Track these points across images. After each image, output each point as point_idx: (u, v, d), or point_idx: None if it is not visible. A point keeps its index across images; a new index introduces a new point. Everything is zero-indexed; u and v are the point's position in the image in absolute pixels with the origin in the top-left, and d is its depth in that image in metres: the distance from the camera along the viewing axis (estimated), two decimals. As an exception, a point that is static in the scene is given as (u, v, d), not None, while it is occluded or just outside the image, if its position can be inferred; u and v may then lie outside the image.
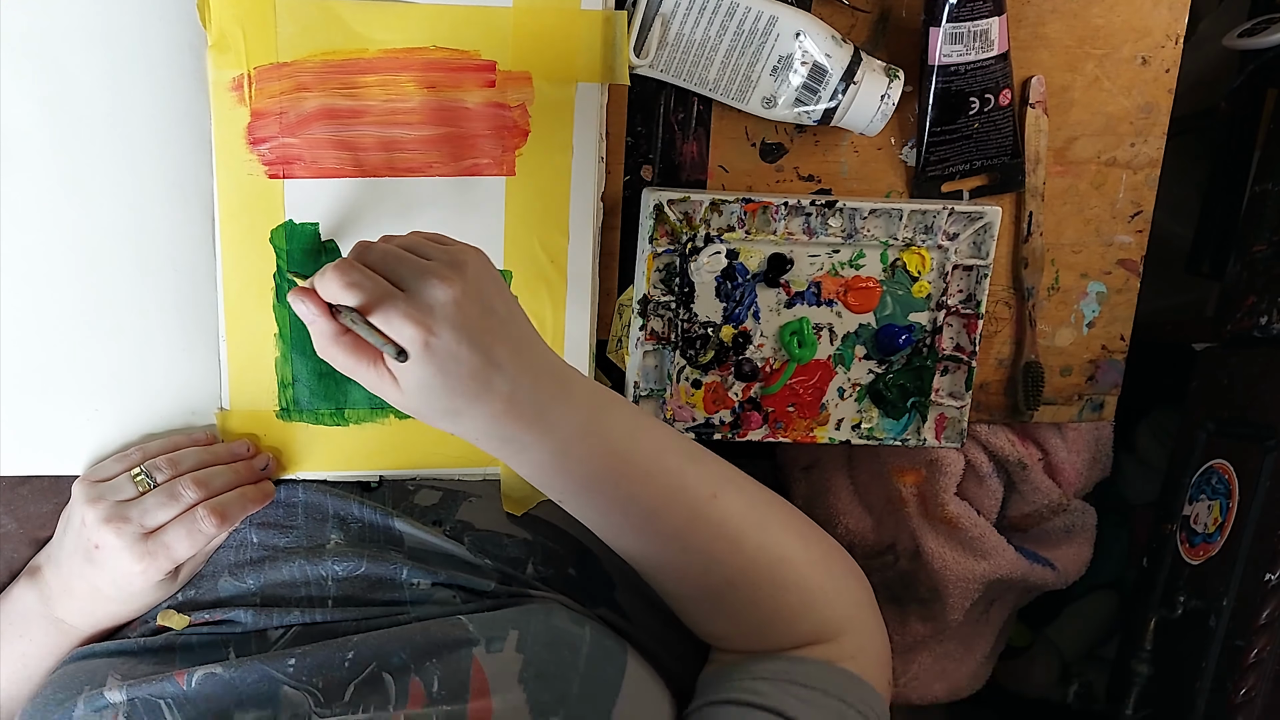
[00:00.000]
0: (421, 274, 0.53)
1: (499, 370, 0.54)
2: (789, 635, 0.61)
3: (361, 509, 0.66)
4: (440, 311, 0.52)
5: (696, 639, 0.65)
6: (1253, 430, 0.76)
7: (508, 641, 0.56)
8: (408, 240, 0.57)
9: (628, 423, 0.59)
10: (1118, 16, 0.72)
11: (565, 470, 0.58)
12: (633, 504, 0.58)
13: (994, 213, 0.71)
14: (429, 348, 0.52)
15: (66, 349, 0.66)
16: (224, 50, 0.63)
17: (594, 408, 0.58)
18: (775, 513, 0.63)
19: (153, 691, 0.56)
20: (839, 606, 0.62)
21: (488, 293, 0.55)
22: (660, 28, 0.67)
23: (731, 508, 0.60)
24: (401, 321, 0.52)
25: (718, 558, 0.59)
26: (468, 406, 0.54)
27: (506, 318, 0.55)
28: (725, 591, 0.60)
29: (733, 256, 0.71)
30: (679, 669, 0.65)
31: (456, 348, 0.53)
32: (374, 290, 0.52)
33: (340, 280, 0.52)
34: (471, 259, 0.55)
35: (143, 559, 0.60)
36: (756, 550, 0.60)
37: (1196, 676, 0.76)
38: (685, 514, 0.59)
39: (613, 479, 0.58)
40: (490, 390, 0.54)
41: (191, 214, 0.65)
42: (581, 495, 0.59)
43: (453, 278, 0.53)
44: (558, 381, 0.57)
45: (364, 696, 0.55)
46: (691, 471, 0.60)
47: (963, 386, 0.75)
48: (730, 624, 0.62)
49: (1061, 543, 0.87)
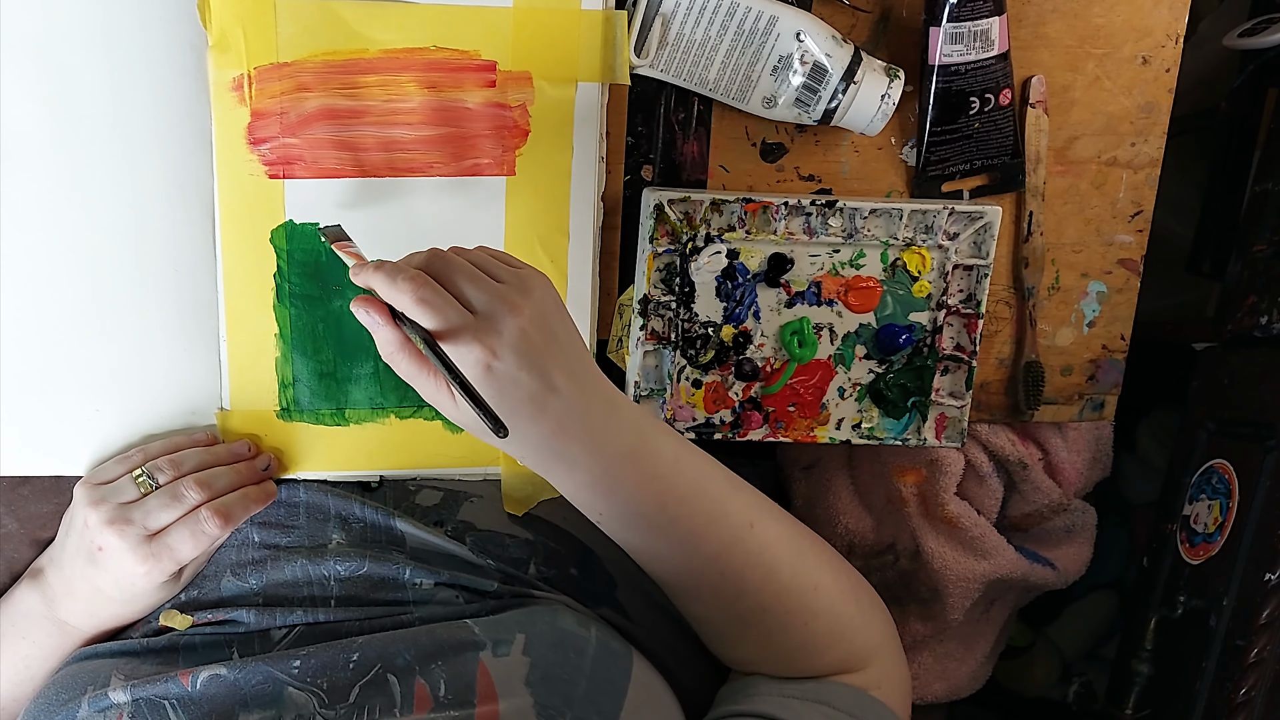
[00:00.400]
0: (491, 297, 0.54)
1: (555, 393, 0.55)
2: (816, 664, 0.62)
3: (363, 509, 0.66)
4: (507, 338, 0.53)
5: (698, 639, 0.65)
6: (1253, 430, 0.76)
7: (514, 645, 0.56)
8: (478, 257, 0.57)
9: (673, 448, 0.60)
10: (1118, 16, 0.72)
11: (610, 491, 0.58)
12: (673, 527, 0.59)
13: (994, 212, 0.71)
14: (491, 370, 0.53)
15: (67, 349, 0.66)
16: (224, 50, 0.63)
17: (641, 430, 0.59)
18: (809, 544, 0.63)
19: (157, 692, 0.57)
20: (867, 636, 0.63)
21: (551, 318, 0.56)
22: (660, 27, 0.67)
23: (769, 536, 0.61)
24: (469, 344, 0.53)
25: (753, 583, 0.60)
26: (522, 426, 0.55)
27: (566, 342, 0.56)
28: (757, 617, 0.61)
29: (733, 256, 0.71)
30: (681, 669, 0.65)
31: (518, 373, 0.54)
32: (444, 310, 0.53)
33: (414, 294, 0.53)
34: (538, 285, 0.56)
35: (146, 561, 0.60)
36: (791, 578, 0.61)
37: (1197, 676, 0.76)
38: (724, 539, 0.60)
39: (657, 502, 0.58)
40: (545, 412, 0.55)
41: (192, 214, 0.65)
42: (624, 517, 0.59)
43: (521, 304, 0.54)
44: (608, 404, 0.58)
45: (369, 698, 0.55)
46: (733, 499, 0.61)
47: (963, 386, 0.75)
48: (758, 649, 0.63)
49: (1062, 542, 0.87)
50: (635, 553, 0.62)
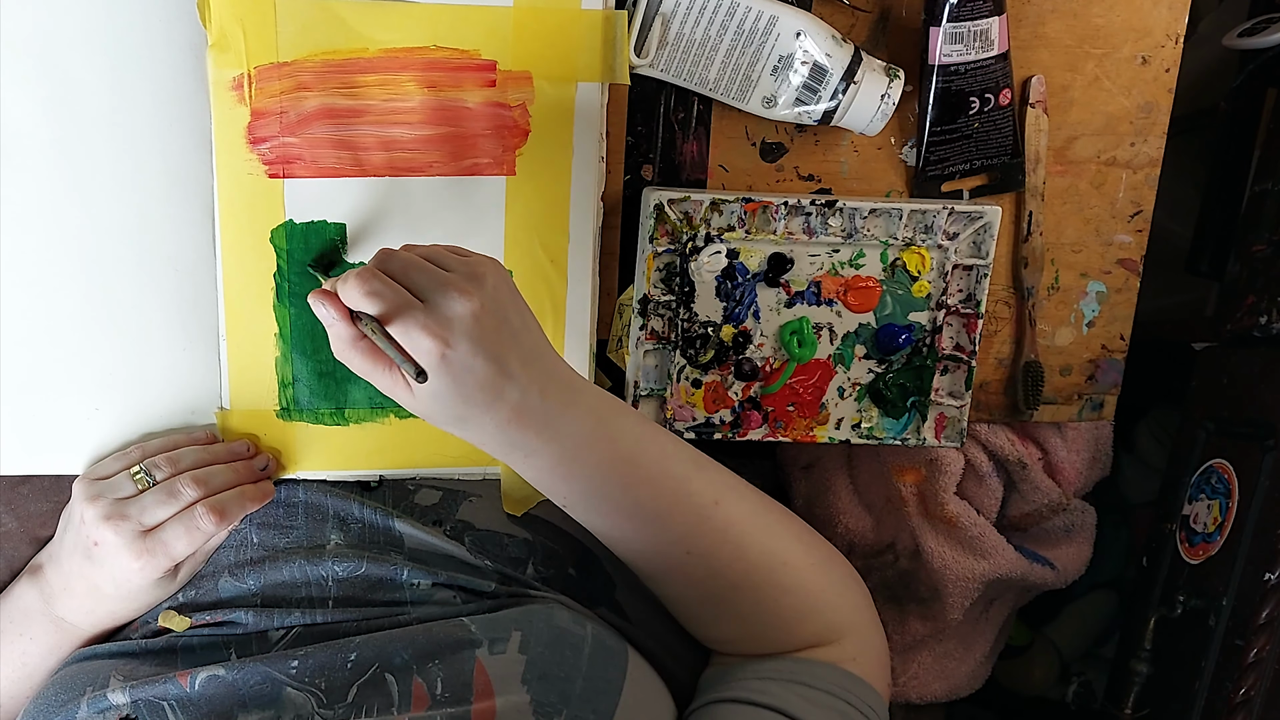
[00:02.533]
0: (441, 286, 0.54)
1: (510, 380, 0.55)
2: (791, 638, 0.62)
3: (362, 509, 0.66)
4: (459, 325, 0.53)
5: (696, 641, 0.65)
6: (1252, 430, 0.76)
7: (510, 643, 0.57)
8: (428, 250, 0.57)
9: (634, 430, 0.60)
10: (1118, 16, 0.72)
11: (571, 476, 0.59)
12: (638, 509, 0.59)
13: (994, 212, 0.71)
14: (445, 359, 0.53)
15: (67, 348, 0.66)
16: (224, 49, 0.63)
17: (600, 415, 0.59)
18: (777, 519, 0.63)
19: (156, 693, 0.57)
20: (840, 609, 0.63)
21: (504, 305, 0.56)
22: (660, 27, 0.67)
23: (735, 513, 0.61)
24: (419, 334, 0.53)
25: (722, 561, 0.60)
26: (478, 414, 0.55)
27: (520, 329, 0.56)
28: (729, 595, 0.61)
29: (733, 256, 0.71)
30: (678, 670, 0.65)
31: (472, 360, 0.54)
32: (394, 300, 0.53)
33: (361, 288, 0.53)
34: (490, 271, 0.56)
35: (141, 556, 0.60)
36: (759, 554, 0.61)
37: (1196, 676, 0.76)
38: (690, 519, 0.60)
39: (619, 484, 0.59)
40: (500, 399, 0.55)
41: (192, 214, 0.65)
42: (587, 500, 0.60)
43: (471, 291, 0.54)
44: (566, 389, 0.58)
45: (367, 697, 0.55)
46: (697, 478, 0.61)
47: (962, 386, 0.75)
48: (733, 628, 0.63)
49: (1061, 542, 0.87)
50: (603, 535, 0.62)
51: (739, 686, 0.59)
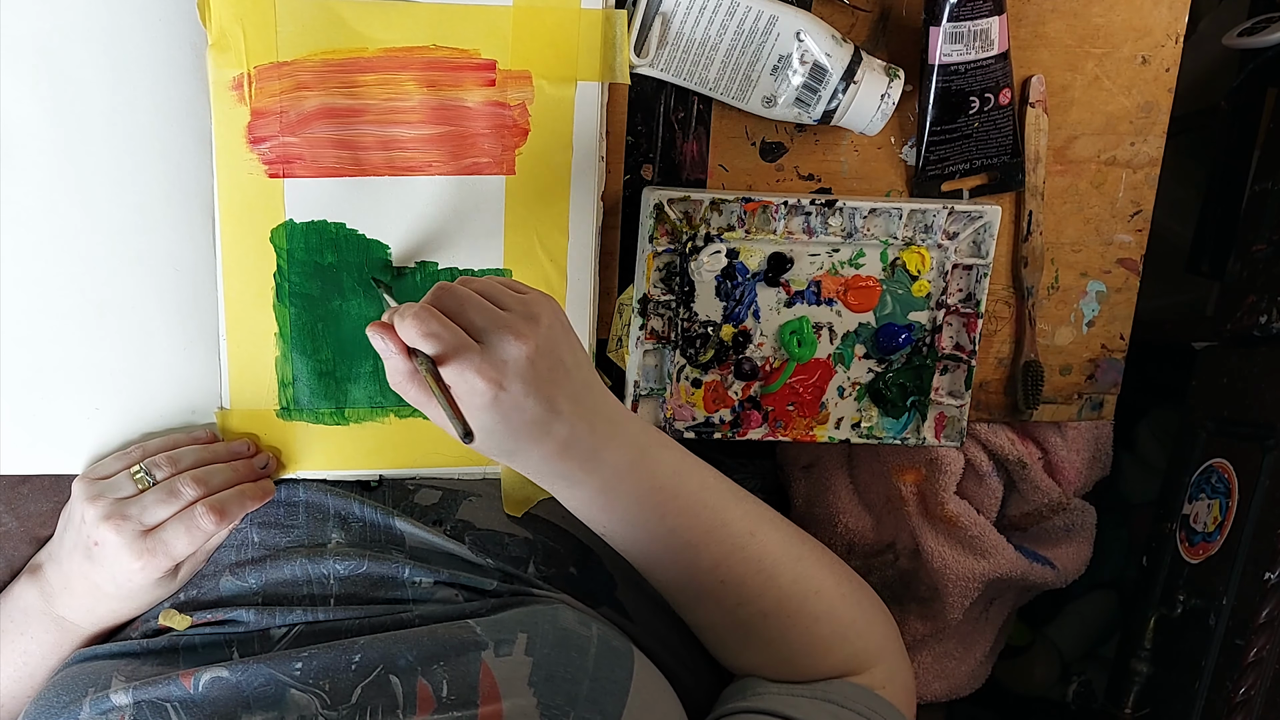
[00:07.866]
0: (499, 328, 0.55)
1: (559, 417, 0.56)
2: (820, 667, 0.63)
3: (362, 508, 0.66)
4: (513, 367, 0.54)
5: (697, 639, 0.65)
6: (1252, 429, 0.76)
7: (516, 645, 0.57)
8: (485, 285, 0.58)
9: (673, 461, 0.61)
10: (1118, 16, 0.72)
11: (611, 505, 0.60)
12: (674, 537, 0.60)
13: (994, 212, 0.71)
14: (497, 400, 0.54)
15: (67, 348, 0.66)
16: (224, 49, 0.63)
17: (642, 447, 0.60)
18: (809, 549, 0.64)
19: (158, 694, 0.56)
20: (869, 638, 0.64)
21: (558, 345, 0.56)
22: (660, 27, 0.67)
23: (769, 543, 0.62)
24: (474, 376, 0.53)
25: (754, 589, 0.61)
26: (526, 448, 0.57)
27: (572, 366, 0.57)
28: (759, 622, 0.62)
29: (733, 256, 0.71)
30: (681, 668, 0.65)
31: (523, 400, 0.55)
32: (450, 343, 0.54)
33: (419, 329, 0.54)
34: (545, 311, 0.57)
35: (141, 556, 0.60)
36: (791, 583, 0.62)
37: (1196, 675, 0.76)
38: (725, 548, 0.61)
39: (657, 513, 0.60)
40: (549, 435, 0.56)
41: (192, 213, 0.65)
42: (626, 528, 0.61)
43: (528, 335, 0.55)
44: (610, 423, 0.59)
45: (371, 699, 0.55)
46: (733, 509, 0.62)
47: (962, 385, 0.75)
48: (762, 655, 0.63)
49: (1061, 542, 0.87)
50: (638, 562, 0.63)
51: (768, 699, 0.60)
